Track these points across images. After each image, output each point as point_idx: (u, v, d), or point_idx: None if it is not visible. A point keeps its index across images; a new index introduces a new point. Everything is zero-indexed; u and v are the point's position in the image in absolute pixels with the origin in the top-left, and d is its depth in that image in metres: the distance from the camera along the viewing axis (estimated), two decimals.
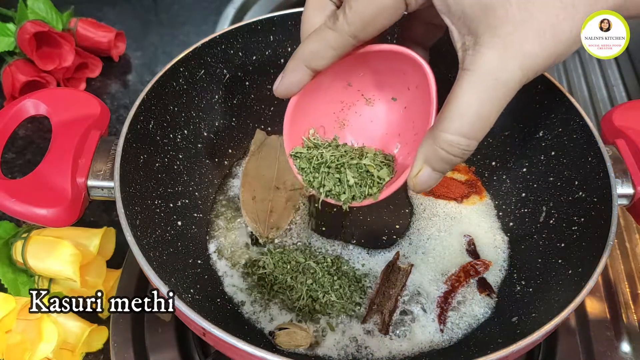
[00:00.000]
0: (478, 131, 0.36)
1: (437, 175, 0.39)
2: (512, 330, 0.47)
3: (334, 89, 0.48)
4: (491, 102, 0.35)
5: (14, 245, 0.59)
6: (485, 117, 0.35)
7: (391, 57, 0.44)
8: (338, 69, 0.44)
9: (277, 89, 0.43)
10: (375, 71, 0.47)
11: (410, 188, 0.40)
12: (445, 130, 0.36)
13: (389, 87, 0.48)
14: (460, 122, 0.35)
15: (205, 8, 0.99)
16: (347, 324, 0.51)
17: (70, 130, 0.49)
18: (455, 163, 0.38)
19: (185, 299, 0.42)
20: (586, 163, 0.51)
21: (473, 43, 0.35)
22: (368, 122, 0.49)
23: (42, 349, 0.52)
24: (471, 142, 0.36)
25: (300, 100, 0.45)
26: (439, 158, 0.37)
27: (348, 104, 0.49)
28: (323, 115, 0.49)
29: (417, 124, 0.46)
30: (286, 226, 0.58)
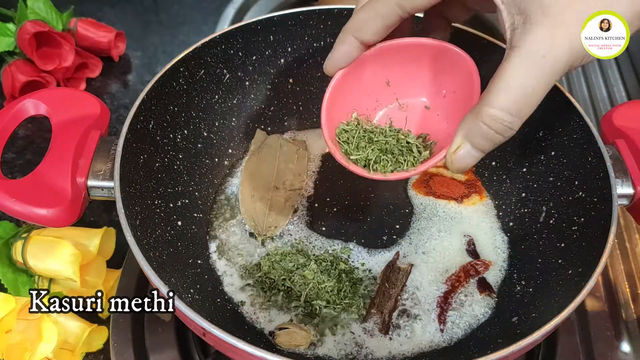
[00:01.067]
0: (522, 108, 0.36)
1: (477, 154, 0.39)
2: (512, 330, 0.47)
3: (374, 84, 0.48)
4: (537, 79, 0.35)
5: (14, 245, 0.59)
6: (531, 94, 0.35)
7: (434, 54, 0.45)
8: (381, 61, 0.45)
9: (326, 65, 0.44)
10: (414, 73, 0.47)
11: (448, 165, 0.40)
12: (488, 104, 0.36)
13: (424, 92, 0.48)
14: (505, 97, 0.35)
15: (205, 8, 0.99)
16: (347, 324, 0.51)
17: (70, 130, 0.49)
18: (496, 141, 0.38)
19: (185, 299, 0.42)
20: (586, 163, 0.51)
21: (522, 22, 0.35)
22: (398, 125, 0.49)
23: (42, 349, 0.52)
24: (514, 120, 0.36)
25: (342, 82, 0.45)
26: (480, 134, 0.37)
27: (382, 104, 0.50)
28: (358, 106, 0.49)
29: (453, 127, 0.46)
30: (285, 225, 0.58)
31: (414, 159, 0.46)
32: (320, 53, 0.63)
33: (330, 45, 0.62)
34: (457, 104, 0.45)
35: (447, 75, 0.46)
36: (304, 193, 0.61)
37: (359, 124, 0.48)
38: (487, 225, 0.59)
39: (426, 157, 0.46)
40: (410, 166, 0.45)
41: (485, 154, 0.39)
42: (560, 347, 0.56)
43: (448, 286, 0.54)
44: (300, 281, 0.52)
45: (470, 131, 0.38)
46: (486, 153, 0.39)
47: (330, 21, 0.61)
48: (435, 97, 0.48)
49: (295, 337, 0.49)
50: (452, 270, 0.55)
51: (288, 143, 0.64)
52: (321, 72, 0.63)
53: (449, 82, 0.46)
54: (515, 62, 0.35)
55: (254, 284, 0.54)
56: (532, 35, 0.35)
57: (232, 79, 0.61)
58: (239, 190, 0.60)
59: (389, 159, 0.46)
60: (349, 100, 0.48)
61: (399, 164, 0.46)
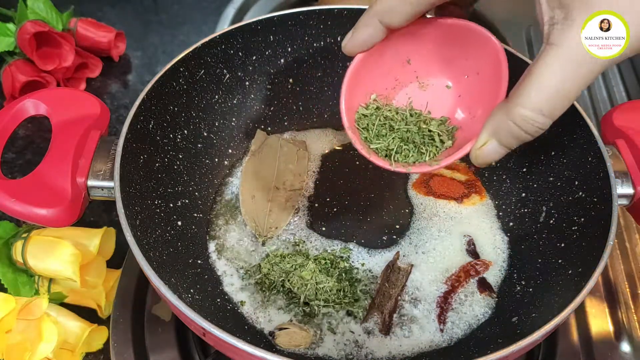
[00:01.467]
0: (555, 109, 0.35)
1: (503, 150, 0.38)
2: (512, 330, 0.47)
3: (394, 63, 0.47)
4: (573, 80, 0.34)
5: (14, 245, 0.59)
6: (565, 96, 0.34)
7: (458, 35, 0.43)
8: (403, 40, 0.44)
9: (346, 45, 0.43)
10: (436, 52, 0.46)
11: (472, 159, 0.40)
12: (521, 105, 0.35)
13: (446, 71, 0.47)
14: (538, 97, 0.34)
15: (205, 8, 0.99)
16: (347, 324, 0.51)
17: (70, 130, 0.49)
18: (524, 140, 0.37)
19: (185, 299, 0.42)
20: (586, 163, 0.51)
21: (563, 17, 0.34)
22: (418, 105, 0.48)
23: (42, 349, 0.52)
24: (546, 120, 0.35)
25: (362, 63, 0.44)
26: (509, 132, 0.36)
27: (402, 83, 0.48)
28: (377, 87, 0.48)
29: (476, 109, 0.45)
30: (285, 226, 0.58)
31: (436, 149, 0.45)
32: (320, 53, 0.63)
33: (330, 45, 0.63)
34: (481, 86, 0.44)
35: (471, 57, 0.45)
36: (304, 193, 0.61)
37: (378, 108, 0.47)
38: (487, 225, 0.59)
39: (448, 146, 0.45)
40: (432, 156, 0.44)
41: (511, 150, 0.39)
42: (560, 347, 0.56)
43: (448, 286, 0.54)
44: (299, 282, 0.52)
45: (498, 128, 0.37)
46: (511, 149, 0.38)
47: (330, 21, 0.61)
48: (458, 78, 0.47)
49: (295, 337, 0.49)
50: (452, 270, 0.55)
51: (288, 143, 0.64)
52: (321, 72, 0.65)
53: (473, 63, 0.45)
54: (552, 61, 0.34)
55: (254, 285, 0.54)
56: (572, 32, 0.33)
57: (232, 79, 0.61)
58: (240, 191, 0.60)
59: (410, 149, 0.45)
60: (368, 81, 0.47)
61: (420, 154, 0.45)
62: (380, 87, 0.48)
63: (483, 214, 0.60)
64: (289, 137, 0.66)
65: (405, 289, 0.53)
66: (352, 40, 0.42)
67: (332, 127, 0.67)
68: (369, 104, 0.47)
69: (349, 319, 0.52)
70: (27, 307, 0.54)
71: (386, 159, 0.45)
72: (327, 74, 0.65)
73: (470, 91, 0.46)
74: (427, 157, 0.45)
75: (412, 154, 0.45)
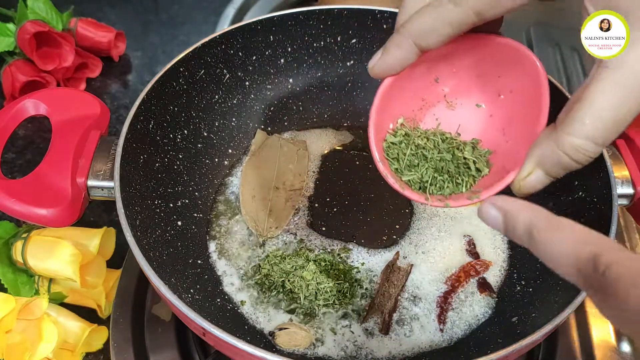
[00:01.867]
0: (610, 137, 0.32)
1: (548, 180, 0.36)
2: (512, 330, 0.47)
3: (421, 83, 0.43)
4: (629, 106, 0.31)
5: (14, 245, 0.59)
6: (621, 122, 0.32)
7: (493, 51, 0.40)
8: (434, 58, 0.40)
9: (373, 67, 0.38)
10: (467, 69, 0.42)
11: (515, 190, 0.37)
12: (572, 134, 0.32)
13: (477, 91, 0.43)
14: (593, 126, 0.32)
15: (205, 8, 0.99)
16: (347, 324, 0.51)
17: (70, 130, 0.49)
18: (572, 170, 0.34)
19: (185, 299, 0.42)
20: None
21: None
22: (446, 127, 0.44)
23: (42, 349, 0.52)
24: (599, 149, 0.33)
25: (392, 86, 0.40)
26: (557, 162, 0.34)
27: (429, 103, 0.44)
28: (404, 110, 0.44)
29: (511, 132, 0.42)
30: (285, 226, 0.58)
31: (473, 179, 0.41)
32: (320, 53, 0.63)
33: (330, 45, 0.63)
34: (515, 106, 0.41)
35: (504, 75, 0.41)
36: (304, 193, 0.61)
37: (407, 134, 0.42)
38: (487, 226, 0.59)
39: (485, 174, 0.41)
40: (469, 187, 0.41)
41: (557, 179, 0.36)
42: (560, 347, 0.56)
43: (448, 286, 0.54)
44: (300, 282, 0.52)
45: (546, 158, 0.35)
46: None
47: (330, 21, 0.61)
48: (490, 97, 0.43)
49: (295, 337, 0.49)
50: (452, 270, 0.55)
51: (288, 143, 0.64)
52: (321, 72, 0.65)
53: (506, 82, 0.41)
54: (606, 86, 0.31)
55: (254, 285, 0.54)
56: (629, 54, 0.31)
57: (232, 79, 0.61)
58: (240, 191, 0.60)
59: (445, 179, 0.41)
60: (395, 105, 0.42)
61: (456, 185, 0.41)
62: (407, 109, 0.44)
63: None
64: (289, 137, 0.66)
65: (405, 289, 0.53)
66: (382, 62, 0.38)
67: (332, 127, 0.67)
68: (397, 130, 0.43)
69: (349, 319, 0.52)
70: (27, 307, 0.54)
71: (420, 191, 0.42)
72: (327, 74, 0.65)
73: (503, 112, 0.43)
74: (463, 188, 0.41)
75: (448, 185, 0.41)
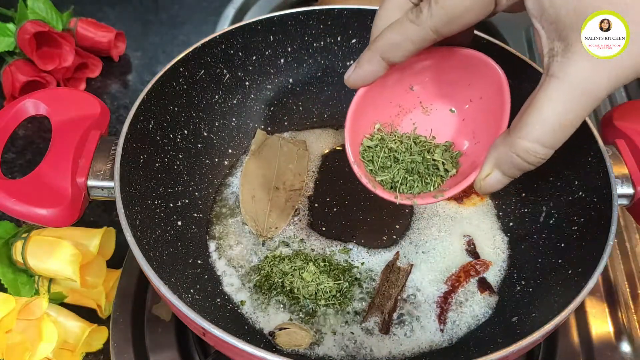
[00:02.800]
0: (557, 140, 0.35)
1: (506, 180, 0.39)
2: (512, 330, 0.47)
3: (397, 91, 0.47)
4: (575, 112, 0.34)
5: (14, 245, 0.59)
6: (567, 127, 0.35)
7: (462, 62, 0.44)
8: (406, 68, 0.44)
9: (348, 78, 0.43)
10: (439, 79, 0.47)
11: (476, 189, 0.40)
12: (523, 137, 0.36)
13: (449, 97, 0.48)
14: (541, 130, 0.35)
15: (205, 8, 0.99)
16: (347, 324, 0.51)
17: (70, 130, 0.49)
18: (526, 170, 0.38)
19: (185, 299, 0.42)
20: (586, 163, 0.51)
21: (562, 50, 0.34)
22: (422, 131, 0.49)
23: (42, 349, 0.52)
24: (548, 151, 0.36)
25: (366, 95, 0.45)
26: (512, 164, 0.37)
27: (405, 109, 0.49)
28: (381, 116, 0.48)
29: (479, 134, 0.46)
30: (285, 226, 0.58)
31: (441, 179, 0.45)
32: (320, 53, 0.63)
33: (330, 45, 0.63)
34: (484, 112, 0.45)
35: (474, 83, 0.45)
36: (304, 193, 0.61)
37: (382, 138, 0.47)
38: (487, 226, 0.59)
39: (453, 174, 0.45)
40: (437, 186, 0.45)
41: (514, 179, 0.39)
42: (560, 347, 0.56)
43: (448, 286, 0.54)
44: (300, 282, 0.52)
45: (501, 160, 0.38)
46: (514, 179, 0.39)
47: (330, 21, 0.61)
48: (461, 103, 0.47)
49: (295, 337, 0.49)
50: (452, 270, 0.55)
51: (288, 143, 0.64)
52: (321, 72, 0.65)
53: (476, 89, 0.45)
54: (552, 94, 0.34)
55: (254, 285, 0.54)
56: (572, 66, 0.34)
57: (232, 79, 0.61)
58: (240, 191, 0.60)
59: (415, 179, 0.45)
60: (372, 112, 0.47)
61: (425, 185, 0.45)
62: (384, 115, 0.48)
63: (483, 214, 0.60)
64: (289, 137, 0.66)
65: (405, 289, 0.53)
66: (355, 75, 0.43)
67: (332, 127, 0.67)
68: (373, 135, 0.47)
69: (349, 319, 0.52)
70: (27, 307, 0.54)
71: (391, 190, 0.46)
72: (327, 74, 0.65)
73: (473, 116, 0.47)
74: (432, 187, 0.45)
75: (417, 185, 0.45)
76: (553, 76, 0.34)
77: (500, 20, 0.86)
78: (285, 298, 0.52)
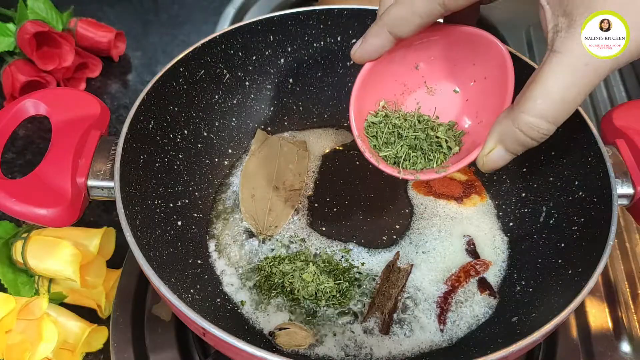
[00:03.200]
0: (560, 115, 0.35)
1: (509, 157, 0.39)
2: (512, 330, 0.47)
3: (402, 69, 0.48)
4: (578, 87, 0.34)
5: (14, 245, 0.59)
6: (570, 102, 0.35)
7: (467, 41, 0.44)
8: (412, 45, 0.45)
9: (355, 53, 0.43)
10: (444, 57, 0.47)
11: (479, 166, 0.40)
12: (526, 112, 0.36)
13: (454, 77, 0.48)
14: (544, 105, 0.35)
15: (205, 8, 0.99)
16: (347, 324, 0.51)
17: (70, 130, 0.49)
18: (529, 146, 0.37)
19: (185, 299, 0.42)
20: (586, 163, 0.51)
21: (567, 25, 0.34)
22: (425, 110, 0.49)
23: (42, 349, 0.52)
24: (551, 127, 0.36)
25: (372, 70, 0.45)
26: (515, 139, 0.37)
27: (409, 89, 0.49)
28: (385, 93, 0.49)
29: (482, 114, 0.46)
30: (285, 224, 0.58)
31: (444, 156, 0.46)
32: (320, 53, 0.63)
33: (330, 45, 0.63)
34: (487, 91, 0.45)
35: (478, 62, 0.46)
36: (304, 193, 0.61)
37: (387, 115, 0.48)
38: (487, 226, 0.59)
39: (456, 152, 0.46)
40: (440, 163, 0.45)
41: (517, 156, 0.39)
42: (560, 347, 0.56)
43: (448, 286, 0.54)
44: (300, 282, 0.52)
45: (504, 135, 0.38)
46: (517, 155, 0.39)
47: (330, 21, 0.61)
48: (465, 83, 0.47)
49: (295, 337, 0.49)
50: (452, 270, 0.55)
51: (288, 143, 0.64)
52: (321, 72, 0.65)
53: (480, 68, 0.46)
54: (556, 69, 0.34)
55: (254, 285, 0.54)
56: (576, 41, 0.34)
57: (232, 79, 0.61)
58: (240, 191, 0.60)
59: (418, 156, 0.46)
60: (377, 88, 0.47)
61: (428, 161, 0.46)
62: (389, 93, 0.49)
63: (483, 214, 0.60)
64: (289, 137, 0.66)
65: (405, 289, 0.53)
66: (361, 49, 0.43)
67: (332, 127, 0.67)
68: (378, 112, 0.48)
69: (349, 319, 0.52)
70: (27, 307, 0.54)
71: (395, 166, 0.46)
72: (327, 74, 0.65)
73: (477, 96, 0.47)
74: (434, 164, 0.46)
75: (420, 161, 0.46)
76: (557, 51, 0.34)
77: (501, 20, 0.86)
78: (286, 298, 0.52)
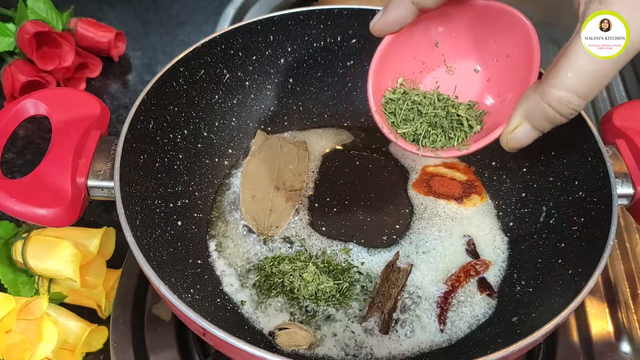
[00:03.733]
0: (591, 90, 0.34)
1: (535, 134, 0.37)
2: (512, 330, 0.47)
3: (422, 45, 0.46)
4: (609, 61, 0.33)
5: (14, 245, 0.59)
6: (602, 77, 0.34)
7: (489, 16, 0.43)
8: (433, 20, 0.43)
9: (375, 25, 0.42)
10: (466, 34, 0.45)
11: (503, 144, 0.39)
12: (556, 87, 0.34)
13: (475, 55, 0.46)
14: (575, 79, 0.34)
15: (205, 8, 0.99)
16: (347, 324, 0.51)
17: (70, 130, 0.49)
18: (557, 123, 0.36)
19: (185, 299, 0.42)
20: (586, 163, 0.51)
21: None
22: (445, 90, 0.48)
23: (42, 349, 0.52)
24: (582, 102, 0.35)
25: (392, 43, 0.43)
26: (543, 115, 0.36)
27: (428, 67, 0.48)
28: (404, 70, 0.47)
29: (505, 93, 0.44)
30: (285, 225, 0.58)
31: (465, 134, 0.44)
32: (320, 53, 0.63)
33: (330, 45, 0.63)
34: (511, 70, 0.44)
35: (501, 39, 0.44)
36: (305, 193, 0.61)
37: (405, 92, 0.46)
38: (487, 226, 0.59)
39: (477, 131, 0.44)
40: (461, 141, 0.44)
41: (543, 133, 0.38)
42: (560, 347, 0.56)
43: (448, 286, 0.54)
44: (300, 282, 0.52)
45: (532, 111, 0.36)
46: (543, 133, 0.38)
47: (330, 21, 0.61)
48: (487, 62, 0.46)
49: (295, 337, 0.49)
50: (452, 270, 0.55)
51: (288, 144, 0.64)
52: (321, 72, 0.65)
53: (503, 45, 0.44)
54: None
55: (254, 285, 0.54)
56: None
57: (232, 79, 0.61)
58: (240, 191, 0.60)
59: (438, 133, 0.44)
60: (396, 64, 0.46)
61: (449, 139, 0.44)
62: (407, 70, 0.47)
63: (483, 214, 0.60)
64: (289, 137, 0.66)
65: (405, 289, 0.53)
66: (382, 20, 0.41)
67: (332, 127, 0.67)
68: (396, 89, 0.46)
69: (349, 319, 0.52)
70: (27, 307, 0.54)
71: (414, 143, 0.44)
72: (327, 74, 0.65)
73: (499, 75, 0.45)
74: (455, 142, 0.44)
75: (440, 139, 0.44)
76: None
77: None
78: (286, 298, 0.52)
